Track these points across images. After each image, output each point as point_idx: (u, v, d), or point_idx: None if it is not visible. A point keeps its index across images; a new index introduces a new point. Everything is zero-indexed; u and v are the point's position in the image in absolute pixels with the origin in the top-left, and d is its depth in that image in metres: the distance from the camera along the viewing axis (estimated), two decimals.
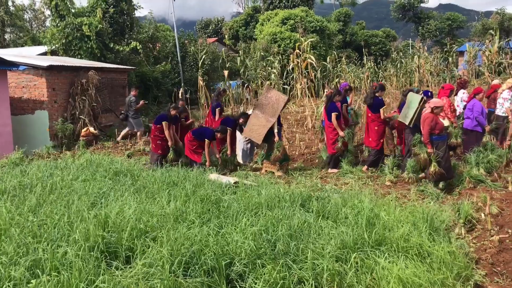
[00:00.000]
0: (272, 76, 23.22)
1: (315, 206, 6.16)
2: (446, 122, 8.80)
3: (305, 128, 15.46)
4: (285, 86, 23.66)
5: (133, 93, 14.34)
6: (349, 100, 11.04)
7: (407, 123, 8.66)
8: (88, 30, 18.00)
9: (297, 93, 22.00)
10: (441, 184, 8.10)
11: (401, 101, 9.90)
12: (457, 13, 53.85)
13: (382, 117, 9.57)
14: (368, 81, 27.99)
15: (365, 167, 9.67)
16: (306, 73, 23.00)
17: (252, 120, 10.04)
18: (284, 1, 39.19)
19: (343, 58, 28.54)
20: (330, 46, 35.47)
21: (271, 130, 9.76)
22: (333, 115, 9.59)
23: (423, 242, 4.76)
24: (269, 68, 24.10)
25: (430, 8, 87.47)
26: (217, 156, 10.00)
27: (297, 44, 24.76)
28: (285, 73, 24.70)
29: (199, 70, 20.80)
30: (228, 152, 10.06)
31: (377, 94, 9.77)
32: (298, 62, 23.47)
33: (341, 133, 9.60)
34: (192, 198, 6.43)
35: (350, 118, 10.73)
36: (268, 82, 23.15)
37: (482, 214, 6.32)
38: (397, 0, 50.06)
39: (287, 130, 14.87)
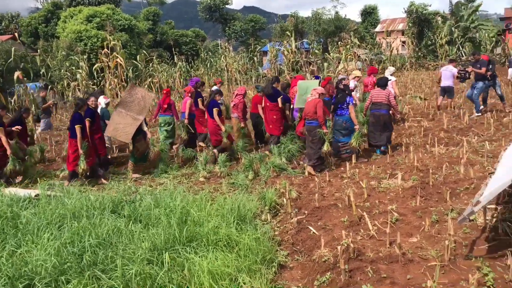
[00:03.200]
0: (78, 76, 21.79)
1: (127, 210, 5.98)
2: None
3: None
4: (94, 87, 22.51)
5: None
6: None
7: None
8: None
9: (108, 94, 21.13)
10: (250, 175, 8.66)
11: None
12: (259, 15, 58.13)
13: (279, 105, 10.32)
14: (181, 80, 28.37)
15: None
16: (117, 73, 22.19)
17: (116, 118, 9.42)
18: None
19: (155, 58, 28.34)
20: (140, 45, 34.85)
21: (139, 129, 9.46)
22: (215, 110, 9.92)
23: (231, 232, 5.00)
24: (74, 68, 22.56)
25: (235, 10, 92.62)
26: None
27: (105, 43, 23.69)
28: (94, 73, 23.51)
29: None
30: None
31: (274, 85, 10.58)
32: (107, 62, 22.49)
33: (223, 128, 9.88)
34: None
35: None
36: (74, 83, 21.71)
37: (284, 199, 6.91)
38: (204, 1, 51.72)
39: None
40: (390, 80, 11.82)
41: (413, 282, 4.02)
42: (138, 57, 26.70)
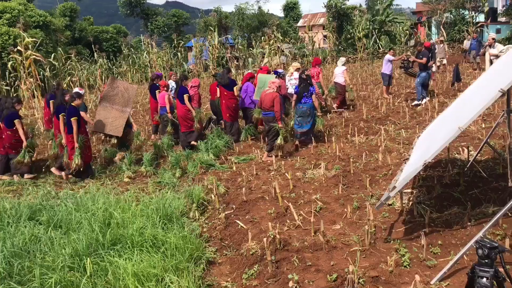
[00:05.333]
0: None
1: (45, 216, 5.66)
2: None
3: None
4: (8, 88, 21.13)
5: None
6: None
7: None
8: None
9: (23, 95, 19.94)
10: (177, 172, 8.53)
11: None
12: (182, 10, 57.33)
13: (235, 93, 10.82)
14: (103, 77, 27.36)
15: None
16: (32, 73, 20.95)
17: (102, 113, 9.23)
18: None
19: (73, 55, 27.12)
20: (58, 43, 33.18)
21: (127, 122, 9.48)
22: (185, 96, 10.24)
23: (158, 232, 4.90)
24: None
25: (158, 5, 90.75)
26: None
27: (18, 41, 22.29)
28: (6, 72, 22.04)
29: None
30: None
31: (229, 75, 11.14)
32: (21, 61, 21.19)
33: (193, 112, 10.29)
34: None
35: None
36: None
37: (212, 196, 6.88)
38: None
39: None
40: (341, 69, 12.98)
41: (336, 268, 4.17)
42: (53, 55, 25.32)
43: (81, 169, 8.45)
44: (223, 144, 9.93)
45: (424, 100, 12.43)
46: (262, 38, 30.92)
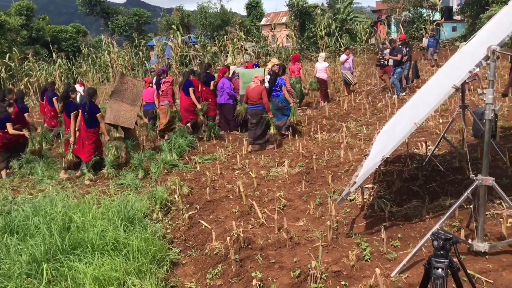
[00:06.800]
0: None
1: (1, 222, 5.46)
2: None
3: None
4: None
5: None
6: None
7: None
8: None
9: None
10: (140, 173, 8.41)
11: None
12: (143, 9, 56.48)
13: (211, 88, 11.41)
14: (62, 78, 26.65)
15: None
16: None
17: (114, 106, 9.29)
18: None
19: (30, 56, 26.31)
20: (13, 43, 32.10)
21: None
22: (191, 90, 10.76)
23: (119, 235, 4.81)
24: None
25: (118, 3, 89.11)
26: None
27: None
28: None
29: None
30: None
31: (208, 71, 11.81)
32: None
33: (198, 106, 10.83)
34: None
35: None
36: None
37: (176, 196, 6.81)
38: None
39: None
40: (324, 65, 13.51)
41: (300, 264, 4.20)
42: (8, 55, 24.46)
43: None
44: (186, 144, 9.85)
45: (403, 93, 13.00)
46: (225, 37, 30.84)
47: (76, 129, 8.85)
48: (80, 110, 8.80)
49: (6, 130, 9.34)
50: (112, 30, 47.20)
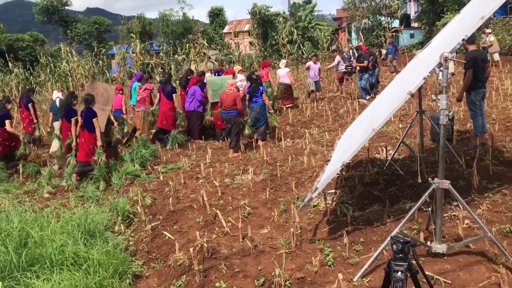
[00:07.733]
0: None
1: None
2: None
3: None
4: None
5: None
6: None
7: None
8: None
9: None
10: (101, 185, 8.21)
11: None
12: (104, 17, 55.52)
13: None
14: (20, 88, 25.85)
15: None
16: None
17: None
18: None
19: None
20: None
21: (108, 119, 9.71)
22: (174, 96, 10.91)
23: (79, 249, 4.67)
24: None
25: (78, 11, 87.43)
26: None
27: None
28: None
29: None
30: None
31: (188, 77, 11.83)
32: None
33: (180, 111, 11.02)
34: None
35: None
36: None
37: (138, 207, 6.69)
38: (40, 3, 47.25)
39: None
40: (285, 70, 14.09)
41: (264, 272, 4.20)
42: None
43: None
44: (149, 154, 9.71)
45: (368, 97, 13.38)
46: (188, 45, 30.70)
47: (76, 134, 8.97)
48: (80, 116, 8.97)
49: (4, 128, 9.67)
50: (71, 39, 46.10)
